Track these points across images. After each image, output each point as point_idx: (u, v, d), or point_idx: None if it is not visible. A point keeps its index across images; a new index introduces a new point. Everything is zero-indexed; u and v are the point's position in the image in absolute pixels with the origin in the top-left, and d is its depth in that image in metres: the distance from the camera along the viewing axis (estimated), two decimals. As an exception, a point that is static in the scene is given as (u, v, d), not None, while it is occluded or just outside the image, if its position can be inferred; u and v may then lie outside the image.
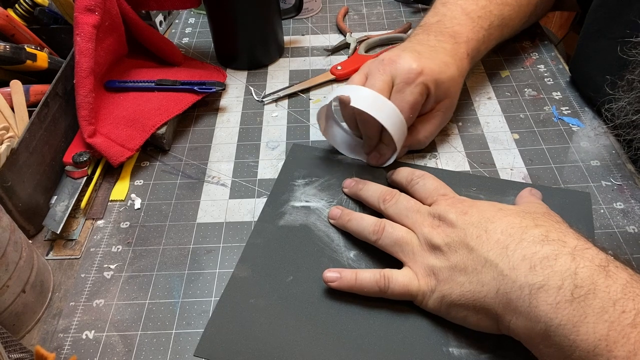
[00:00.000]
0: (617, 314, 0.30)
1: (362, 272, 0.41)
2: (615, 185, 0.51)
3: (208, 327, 0.42)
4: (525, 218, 0.38)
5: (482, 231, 0.38)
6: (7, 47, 0.54)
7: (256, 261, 0.46)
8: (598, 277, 0.32)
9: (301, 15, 0.78)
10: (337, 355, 0.39)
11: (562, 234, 0.36)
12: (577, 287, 0.32)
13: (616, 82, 0.50)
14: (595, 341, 0.30)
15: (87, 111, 0.52)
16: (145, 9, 0.67)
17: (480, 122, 0.59)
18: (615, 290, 0.31)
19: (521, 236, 0.36)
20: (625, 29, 0.50)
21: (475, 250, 0.37)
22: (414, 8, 0.80)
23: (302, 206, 0.50)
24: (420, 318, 0.41)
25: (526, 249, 0.35)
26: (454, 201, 0.42)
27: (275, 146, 0.58)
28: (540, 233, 0.36)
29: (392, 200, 0.45)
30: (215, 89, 0.61)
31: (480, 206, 0.40)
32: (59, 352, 0.41)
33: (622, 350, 0.30)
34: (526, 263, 0.34)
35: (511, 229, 0.37)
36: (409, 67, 0.49)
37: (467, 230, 0.38)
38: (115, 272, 0.46)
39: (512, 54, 0.69)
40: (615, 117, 0.50)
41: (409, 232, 0.42)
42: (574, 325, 0.31)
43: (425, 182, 0.46)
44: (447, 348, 0.39)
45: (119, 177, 0.55)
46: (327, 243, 0.47)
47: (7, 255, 0.39)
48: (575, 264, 0.33)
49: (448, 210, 0.41)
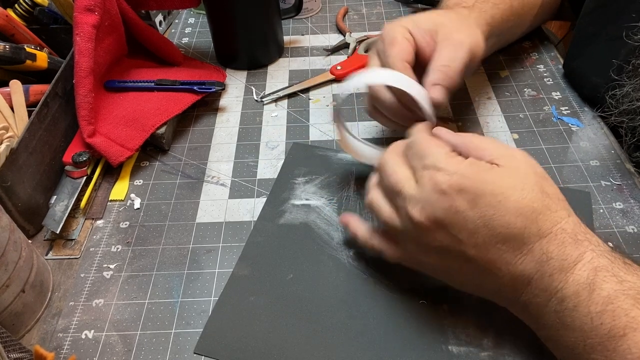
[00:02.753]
0: (595, 325, 0.32)
1: (359, 233, 0.43)
2: (615, 185, 0.51)
3: (208, 325, 0.42)
4: (528, 220, 0.34)
5: (480, 240, 0.35)
6: (6, 47, 0.55)
7: (256, 259, 0.46)
8: (582, 292, 0.33)
9: (301, 15, 0.78)
10: (336, 352, 0.40)
11: (562, 246, 0.34)
12: (562, 303, 0.34)
13: (622, 66, 0.50)
14: (576, 343, 0.33)
15: (86, 111, 0.52)
16: (145, 8, 0.67)
17: (480, 122, 0.59)
18: (597, 303, 0.32)
19: (523, 249, 0.34)
20: (628, 11, 0.49)
21: (474, 261, 0.35)
22: (413, 8, 0.80)
23: (302, 204, 0.51)
24: (420, 316, 0.41)
25: (529, 265, 0.34)
26: (436, 184, 0.36)
27: (275, 146, 0.58)
28: (542, 251, 0.34)
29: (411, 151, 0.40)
30: (214, 88, 0.61)
31: (471, 195, 0.35)
32: (58, 352, 0.41)
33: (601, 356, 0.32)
34: (524, 279, 0.35)
35: (513, 241, 0.34)
36: None
37: (462, 237, 0.35)
38: (114, 272, 0.46)
39: (511, 54, 0.69)
40: (619, 104, 0.50)
41: (392, 218, 0.39)
42: (557, 330, 0.34)
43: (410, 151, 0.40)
44: (446, 346, 0.39)
45: (119, 177, 0.55)
46: (327, 241, 0.47)
47: (6, 255, 0.39)
48: (563, 284, 0.34)
49: (434, 204, 0.35)
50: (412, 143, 0.39)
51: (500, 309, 0.40)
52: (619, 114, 0.51)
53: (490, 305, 0.41)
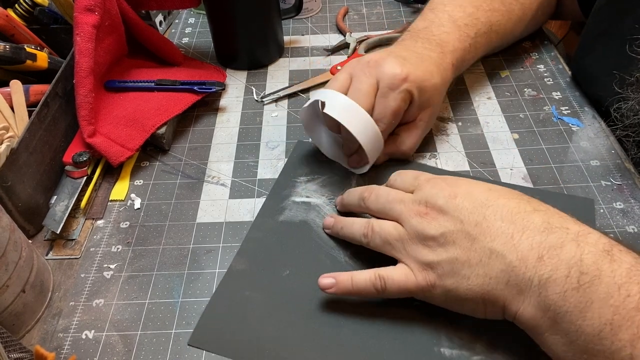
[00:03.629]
0: (621, 298, 0.31)
1: (357, 275, 0.40)
2: (615, 185, 0.51)
3: (203, 317, 0.42)
4: (521, 201, 0.37)
5: (480, 217, 0.36)
6: (7, 47, 0.55)
7: (254, 254, 0.46)
8: (603, 262, 0.32)
9: (301, 15, 0.78)
10: (327, 352, 0.40)
11: (562, 219, 0.35)
12: (583, 274, 0.32)
13: (625, 78, 0.49)
14: (601, 325, 0.31)
15: (87, 111, 0.52)
16: (145, 8, 0.67)
17: (480, 122, 0.59)
18: (620, 274, 0.31)
19: (523, 223, 0.35)
20: (634, 24, 0.49)
21: (478, 241, 0.36)
22: (413, 8, 0.80)
23: (302, 202, 0.51)
24: (413, 317, 0.41)
25: (532, 238, 0.34)
26: (436, 181, 0.40)
27: (275, 146, 0.58)
28: (542, 221, 0.35)
29: (371, 197, 0.43)
30: (215, 88, 0.61)
31: (467, 187, 0.39)
32: (58, 352, 0.41)
33: (627, 334, 0.30)
34: (534, 253, 0.34)
35: (511, 215, 0.36)
36: (393, 72, 0.49)
37: (463, 218, 0.37)
38: (115, 272, 0.46)
39: (511, 54, 0.69)
40: (625, 118, 0.49)
41: (397, 227, 0.40)
42: (580, 312, 0.32)
43: (400, 176, 0.44)
44: (438, 348, 0.39)
45: (119, 177, 0.55)
46: (326, 240, 0.47)
47: (6, 255, 0.39)
48: (580, 250, 0.33)
49: (435, 195, 0.38)
50: (399, 174, 0.44)
51: None
52: (624, 127, 0.50)
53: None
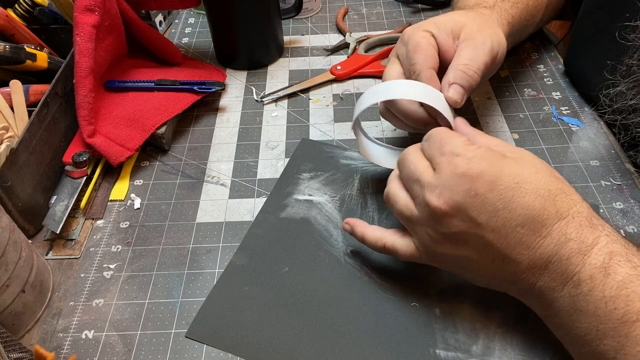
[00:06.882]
0: (608, 310, 0.32)
1: (368, 234, 0.42)
2: (615, 185, 0.51)
3: (201, 311, 0.42)
4: (546, 201, 0.35)
5: (499, 223, 0.35)
6: (6, 47, 0.55)
7: (255, 250, 0.47)
8: (597, 276, 0.33)
9: (301, 15, 0.78)
10: (323, 348, 0.40)
11: (580, 229, 0.34)
12: (577, 287, 0.33)
13: (616, 67, 0.50)
14: (588, 330, 0.33)
15: (86, 111, 0.52)
16: (145, 9, 0.67)
17: (480, 122, 0.59)
18: (611, 287, 0.32)
19: (542, 233, 0.35)
20: (624, 12, 0.49)
21: (494, 246, 0.35)
22: (413, 8, 0.80)
23: (304, 199, 0.51)
24: (410, 317, 0.41)
25: (545, 248, 0.34)
26: (458, 165, 0.36)
27: (275, 146, 0.58)
28: (560, 233, 0.34)
29: (400, 159, 0.41)
30: (214, 88, 0.61)
31: (491, 176, 0.35)
32: (58, 352, 0.41)
33: (612, 341, 0.32)
34: (543, 262, 0.35)
35: (533, 222, 0.34)
36: None
37: (481, 221, 0.35)
38: (114, 272, 0.46)
39: (511, 54, 0.69)
40: (613, 102, 0.50)
41: (409, 207, 0.39)
42: (570, 316, 0.34)
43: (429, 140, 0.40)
44: (434, 349, 0.39)
45: (119, 177, 0.55)
46: (326, 237, 0.47)
47: (6, 255, 0.39)
48: (582, 263, 0.34)
49: (452, 188, 0.36)
50: (430, 136, 0.40)
51: (492, 317, 0.40)
52: (613, 112, 0.51)
53: (482, 311, 0.41)
